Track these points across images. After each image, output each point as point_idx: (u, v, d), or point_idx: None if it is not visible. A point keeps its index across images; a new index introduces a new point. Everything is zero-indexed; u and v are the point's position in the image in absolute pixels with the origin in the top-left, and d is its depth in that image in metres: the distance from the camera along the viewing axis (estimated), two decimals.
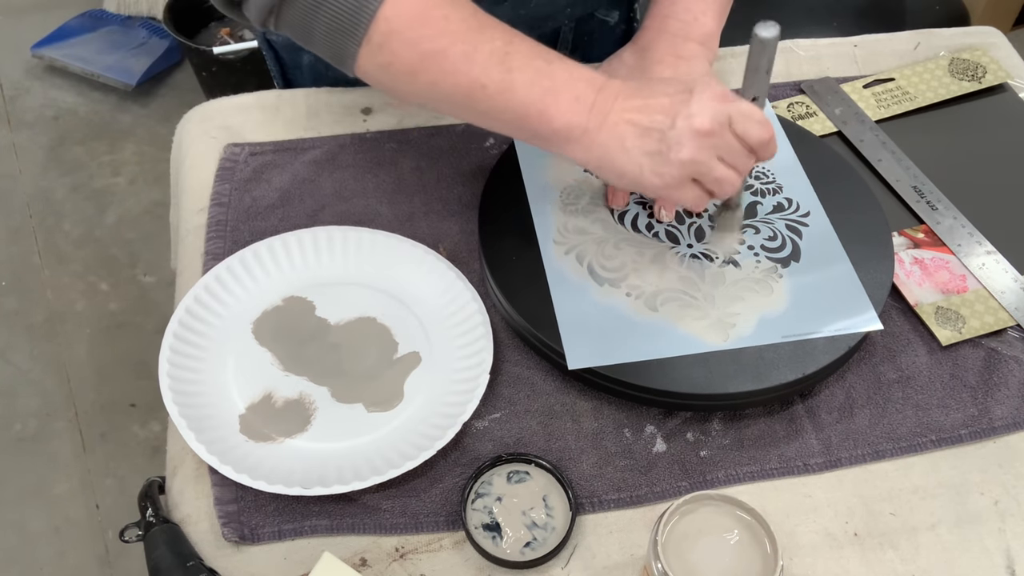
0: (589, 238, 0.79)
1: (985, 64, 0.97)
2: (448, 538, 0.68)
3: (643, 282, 0.76)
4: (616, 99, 0.68)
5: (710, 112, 0.65)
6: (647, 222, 0.80)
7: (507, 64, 0.67)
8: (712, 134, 0.66)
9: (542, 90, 0.67)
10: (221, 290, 0.78)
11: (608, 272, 0.77)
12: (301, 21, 0.67)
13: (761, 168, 0.84)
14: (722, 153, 0.67)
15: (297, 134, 0.91)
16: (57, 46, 2.21)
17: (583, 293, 0.76)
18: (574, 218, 0.80)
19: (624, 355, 0.72)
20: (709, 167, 0.67)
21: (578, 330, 0.73)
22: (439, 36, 0.66)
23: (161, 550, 0.65)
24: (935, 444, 0.73)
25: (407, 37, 0.66)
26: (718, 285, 0.76)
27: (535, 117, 0.68)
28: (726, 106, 0.66)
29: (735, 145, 0.67)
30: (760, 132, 0.67)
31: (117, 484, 1.59)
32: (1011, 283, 0.80)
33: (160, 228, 1.92)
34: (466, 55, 0.66)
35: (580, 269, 0.77)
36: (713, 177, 0.68)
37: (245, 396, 0.73)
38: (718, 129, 0.66)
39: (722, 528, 0.60)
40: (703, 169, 0.67)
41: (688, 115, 0.66)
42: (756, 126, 0.67)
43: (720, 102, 0.66)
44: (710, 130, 0.65)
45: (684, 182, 0.68)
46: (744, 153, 0.68)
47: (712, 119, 0.65)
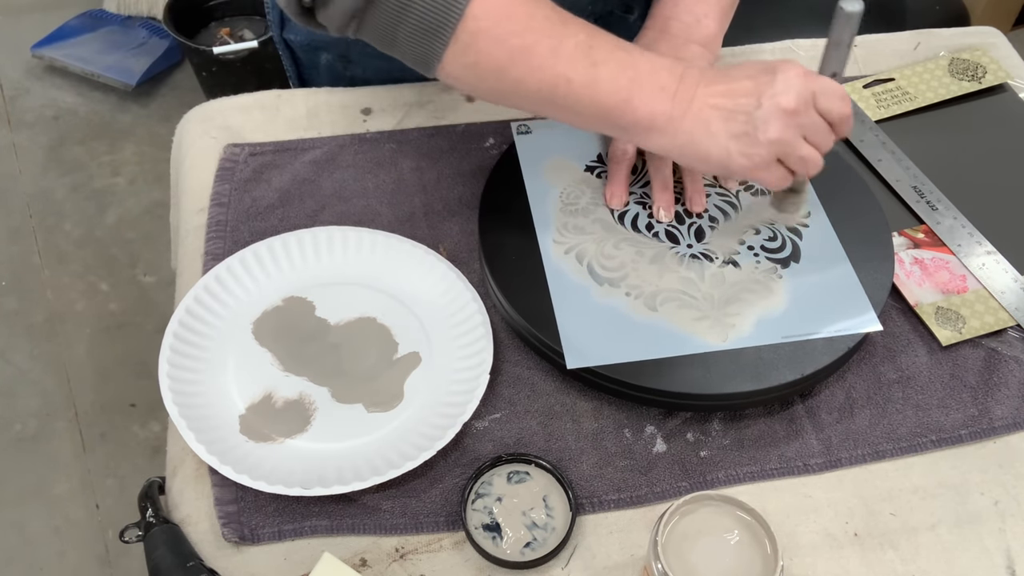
0: (589, 238, 0.79)
1: (985, 64, 0.97)
2: (448, 538, 0.68)
3: (642, 282, 0.76)
4: (699, 85, 0.68)
5: (796, 90, 0.66)
6: (647, 222, 0.80)
7: (592, 57, 0.67)
8: (798, 112, 0.67)
9: (627, 80, 0.68)
10: (221, 290, 0.78)
11: (608, 272, 0.77)
12: (386, 25, 0.67)
13: None
14: (806, 131, 0.68)
15: (297, 134, 0.91)
16: (57, 46, 2.21)
17: (583, 293, 0.76)
18: (574, 218, 0.80)
19: (623, 355, 0.72)
20: (795, 146, 0.68)
21: (577, 330, 0.73)
22: (526, 32, 0.67)
23: (161, 550, 0.65)
24: (935, 444, 0.73)
25: (495, 34, 0.66)
26: (718, 285, 0.76)
27: (620, 107, 0.68)
28: (810, 83, 0.67)
29: (819, 122, 0.68)
30: (842, 107, 0.68)
31: (117, 484, 1.59)
32: (1011, 283, 0.80)
33: (160, 228, 1.92)
34: (553, 50, 0.67)
35: (580, 269, 0.77)
36: (798, 156, 0.69)
37: (245, 396, 0.73)
38: (803, 107, 0.67)
39: (722, 528, 0.60)
40: (788, 149, 0.68)
41: (773, 94, 0.66)
42: (839, 102, 0.68)
43: (804, 80, 0.67)
44: (796, 108, 0.66)
45: (771, 162, 0.69)
46: (827, 130, 0.69)
47: (798, 97, 0.66)
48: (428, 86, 0.96)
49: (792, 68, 0.68)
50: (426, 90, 0.95)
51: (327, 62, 0.96)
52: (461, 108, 0.94)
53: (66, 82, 2.21)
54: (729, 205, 0.82)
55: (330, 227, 0.82)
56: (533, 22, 0.67)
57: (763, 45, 1.00)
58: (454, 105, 0.94)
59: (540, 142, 0.86)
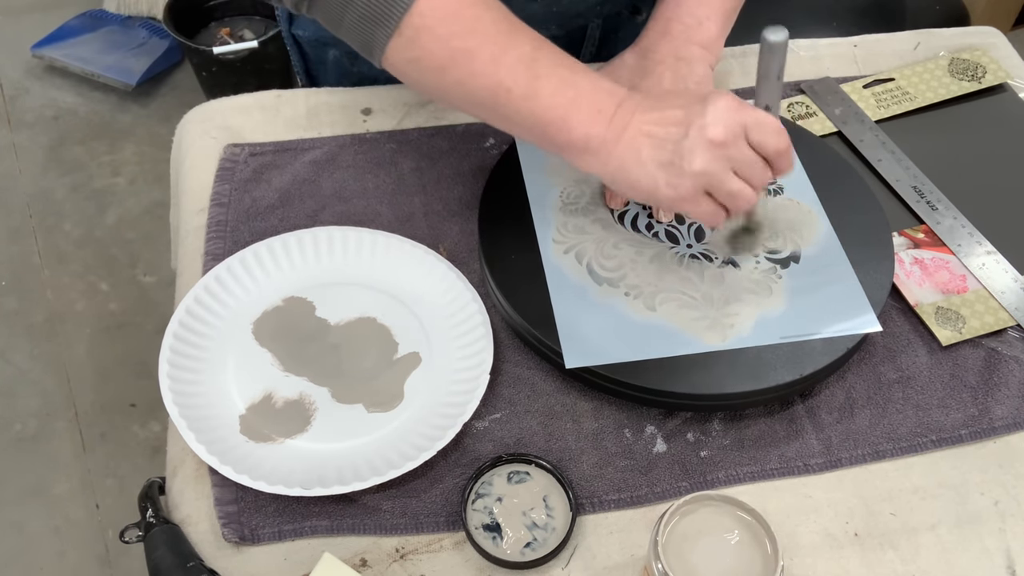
0: (588, 237, 0.79)
1: (985, 64, 0.97)
2: (448, 539, 0.68)
3: (642, 282, 0.76)
4: (635, 112, 0.67)
5: (724, 121, 0.64)
6: (647, 222, 0.80)
7: (534, 70, 0.66)
8: (726, 144, 0.64)
9: (566, 100, 0.67)
10: (221, 290, 0.78)
11: (607, 271, 0.77)
12: (335, 7, 0.67)
13: None
14: (736, 165, 0.66)
15: (297, 134, 0.91)
16: (57, 46, 2.21)
17: (582, 292, 0.76)
18: (574, 217, 0.80)
19: (621, 354, 0.72)
20: (722, 179, 0.66)
21: (576, 329, 0.73)
22: (470, 35, 0.66)
23: (161, 551, 0.65)
24: (935, 444, 0.73)
25: (438, 33, 0.66)
26: (717, 285, 0.76)
27: (556, 125, 0.67)
28: (741, 115, 0.65)
29: (750, 156, 0.66)
30: (776, 142, 0.66)
31: (117, 484, 1.59)
32: (1011, 283, 0.80)
33: (160, 228, 1.92)
34: (494, 57, 0.66)
35: (579, 268, 0.77)
36: (726, 190, 0.66)
37: (245, 396, 0.73)
38: (732, 139, 0.64)
39: (722, 528, 0.60)
40: (715, 181, 0.66)
41: (702, 125, 0.64)
42: (772, 136, 0.66)
43: (735, 112, 0.65)
44: (723, 140, 0.64)
45: (697, 194, 0.67)
46: (760, 165, 0.67)
47: (726, 129, 0.64)
48: None
49: (723, 99, 0.65)
50: None
51: (335, 58, 0.96)
52: None
53: (66, 82, 2.21)
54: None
55: (330, 227, 0.82)
56: (479, 25, 0.66)
57: None
58: None
59: None
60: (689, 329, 0.73)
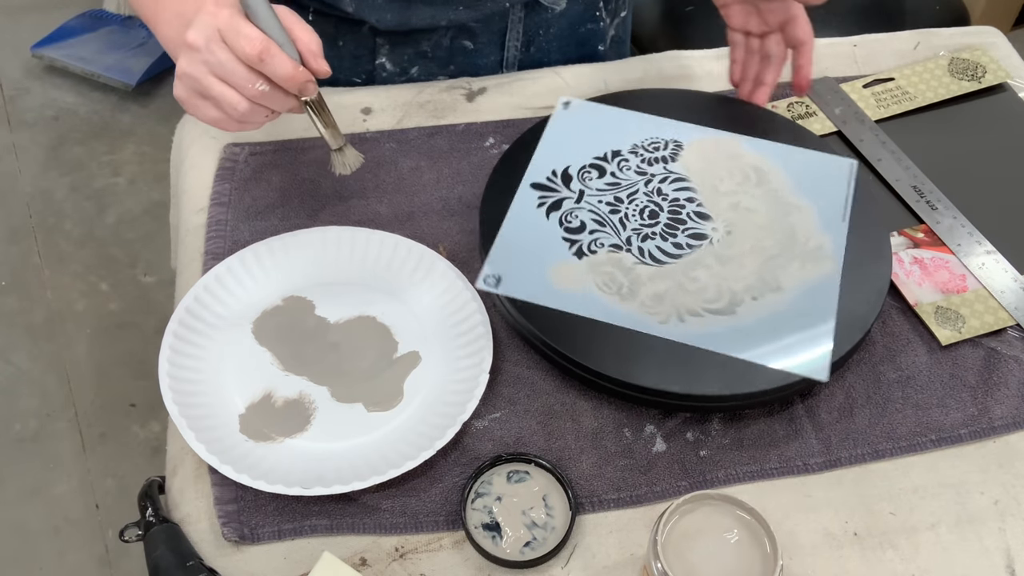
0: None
1: (985, 64, 0.97)
2: (448, 538, 0.68)
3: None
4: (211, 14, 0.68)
5: (199, 26, 0.65)
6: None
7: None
8: (198, 48, 0.65)
9: (154, 2, 0.71)
10: (221, 290, 0.78)
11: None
12: None
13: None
14: (215, 70, 0.66)
15: (297, 134, 0.91)
16: (57, 46, 2.21)
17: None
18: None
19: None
20: (203, 83, 0.67)
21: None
22: None
23: (161, 550, 0.65)
24: (935, 444, 0.73)
25: None
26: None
27: (150, 22, 0.71)
28: (217, 20, 0.65)
29: (226, 61, 0.66)
30: (244, 46, 0.65)
31: (117, 484, 1.59)
32: (1011, 283, 0.80)
33: (160, 228, 1.92)
34: None
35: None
36: (211, 95, 0.67)
37: (245, 396, 0.73)
38: (203, 43, 0.65)
39: (722, 528, 0.60)
40: (199, 85, 0.67)
41: (188, 29, 0.66)
42: (242, 40, 0.65)
43: (211, 16, 0.65)
44: (194, 43, 0.65)
45: (192, 97, 0.68)
46: (240, 70, 0.66)
47: (198, 32, 0.65)
48: (428, 86, 0.96)
49: (213, 5, 0.66)
50: (426, 90, 0.95)
51: None
52: (461, 108, 0.94)
53: (66, 82, 2.21)
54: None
55: (330, 227, 0.82)
56: None
57: None
58: (454, 105, 0.94)
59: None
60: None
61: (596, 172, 0.83)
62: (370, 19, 0.90)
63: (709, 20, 1.30)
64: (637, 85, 0.96)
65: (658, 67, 0.98)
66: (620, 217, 0.79)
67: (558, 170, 0.82)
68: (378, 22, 0.91)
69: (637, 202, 0.81)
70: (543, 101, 0.95)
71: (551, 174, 0.82)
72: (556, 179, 0.82)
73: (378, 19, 0.90)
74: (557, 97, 0.94)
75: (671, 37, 1.32)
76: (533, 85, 0.96)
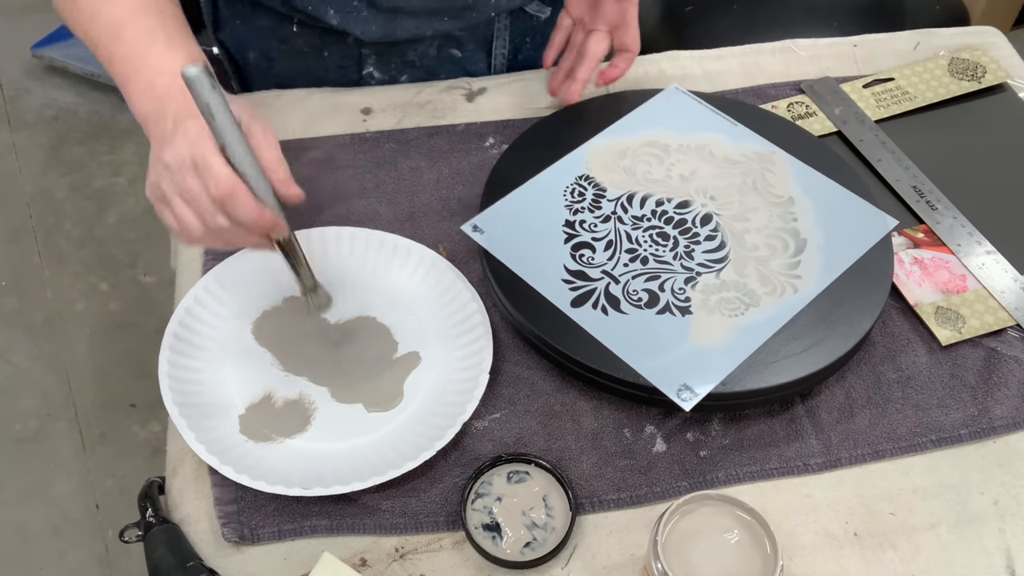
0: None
1: (985, 64, 0.97)
2: (448, 538, 0.68)
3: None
4: (177, 102, 0.67)
5: (176, 148, 0.65)
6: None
7: (118, 35, 0.71)
8: (170, 169, 0.65)
9: (131, 68, 0.71)
10: (221, 290, 0.78)
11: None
12: None
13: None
14: (182, 194, 0.66)
15: (297, 134, 0.91)
16: (57, 46, 2.21)
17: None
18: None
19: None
20: (169, 200, 0.67)
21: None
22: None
23: (161, 550, 0.65)
24: (935, 444, 0.73)
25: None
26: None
27: (124, 88, 0.72)
28: (194, 149, 0.65)
29: (193, 190, 0.65)
30: (211, 188, 0.64)
31: (117, 484, 1.59)
32: (1011, 283, 0.80)
33: (160, 228, 1.91)
34: (92, 13, 0.73)
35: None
36: (173, 211, 0.67)
37: (245, 396, 0.73)
38: (176, 167, 0.65)
39: (722, 528, 0.60)
40: (165, 200, 0.67)
41: (166, 141, 0.66)
42: (211, 181, 0.65)
43: (190, 143, 0.65)
44: (167, 164, 0.65)
45: (159, 203, 0.68)
46: (206, 202, 0.65)
47: (173, 155, 0.65)
48: (427, 86, 0.96)
49: (194, 127, 0.65)
50: (426, 90, 0.95)
51: (254, 60, 0.98)
52: (461, 108, 0.94)
53: (66, 82, 2.21)
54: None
55: (331, 227, 0.82)
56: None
57: (763, 45, 1.00)
58: (454, 105, 0.94)
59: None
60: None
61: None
62: (355, 31, 0.90)
63: (709, 20, 1.31)
64: (637, 85, 0.95)
65: (658, 67, 0.98)
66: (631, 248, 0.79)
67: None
68: (363, 34, 0.91)
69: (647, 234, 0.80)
70: (543, 101, 0.95)
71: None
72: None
73: (363, 31, 0.90)
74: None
75: (671, 37, 1.32)
76: (533, 85, 0.96)
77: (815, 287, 0.76)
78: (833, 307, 0.75)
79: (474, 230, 0.78)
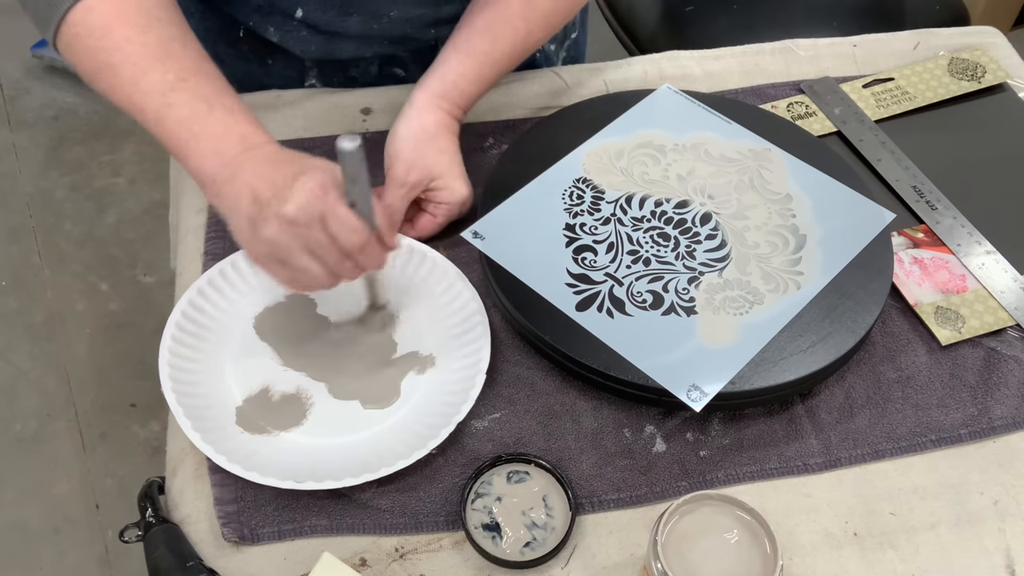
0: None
1: (985, 64, 0.97)
2: (448, 538, 0.68)
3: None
4: (254, 162, 0.67)
5: (300, 203, 0.64)
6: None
7: (168, 99, 0.69)
8: (297, 224, 0.65)
9: (189, 133, 0.69)
10: (225, 284, 0.79)
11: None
12: (22, 7, 0.74)
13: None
14: (311, 246, 0.66)
15: (297, 134, 0.91)
16: None
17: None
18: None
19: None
20: (291, 255, 0.66)
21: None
22: (115, 52, 0.70)
23: (161, 550, 0.65)
24: (935, 444, 0.73)
25: (87, 44, 0.71)
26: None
27: (180, 154, 0.70)
28: (321, 203, 0.65)
29: (323, 242, 0.66)
30: (349, 239, 0.66)
31: (117, 484, 1.59)
32: (1011, 283, 0.80)
33: (160, 228, 1.92)
34: (134, 78, 0.69)
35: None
36: (294, 266, 0.67)
37: (243, 388, 0.74)
38: (304, 220, 0.65)
39: (722, 528, 0.60)
40: (284, 255, 0.67)
41: (283, 198, 0.65)
42: (347, 232, 0.66)
43: (315, 197, 0.65)
44: (294, 219, 0.65)
45: (270, 260, 0.68)
46: (335, 252, 0.67)
47: (299, 210, 0.64)
48: None
49: (313, 181, 0.65)
50: None
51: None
52: None
53: (66, 82, 2.21)
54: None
55: None
56: (127, 46, 0.69)
57: (763, 45, 1.00)
58: None
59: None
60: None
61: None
62: (294, 50, 0.91)
63: (709, 20, 1.30)
64: (637, 85, 0.96)
65: (658, 67, 0.98)
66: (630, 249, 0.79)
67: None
68: (302, 52, 0.91)
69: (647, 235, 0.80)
70: (542, 101, 0.95)
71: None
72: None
73: (302, 50, 0.91)
74: (556, 97, 0.95)
75: (671, 37, 1.32)
76: (532, 85, 0.96)
77: (817, 283, 0.76)
78: (837, 302, 0.75)
79: (474, 236, 0.78)
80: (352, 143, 0.64)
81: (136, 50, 0.69)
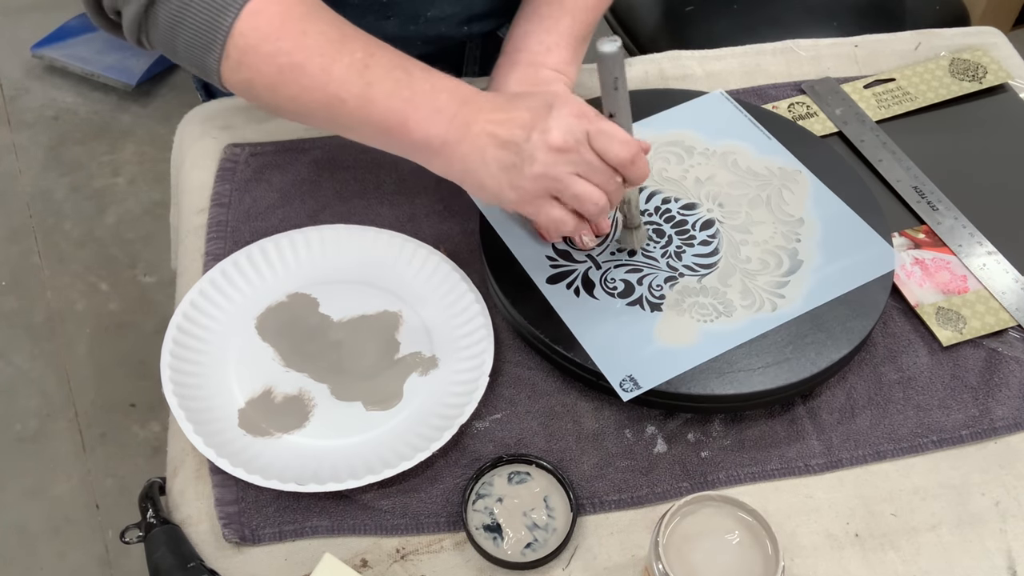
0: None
1: (985, 64, 0.97)
2: (449, 539, 0.68)
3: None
4: (480, 111, 0.66)
5: (565, 127, 0.64)
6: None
7: (366, 77, 0.66)
8: (566, 150, 0.64)
9: (401, 101, 0.66)
10: (226, 284, 0.78)
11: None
12: (166, 36, 0.67)
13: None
14: (580, 170, 0.65)
15: (297, 134, 0.91)
16: (57, 46, 2.21)
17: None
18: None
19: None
20: (565, 183, 0.65)
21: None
22: (297, 50, 0.66)
23: (162, 551, 0.65)
24: (936, 445, 0.73)
25: (263, 52, 0.66)
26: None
27: (396, 129, 0.67)
28: (583, 123, 0.65)
29: (594, 162, 0.65)
30: (620, 151, 0.65)
31: (117, 484, 1.59)
32: (1012, 283, 0.80)
33: (160, 228, 1.92)
34: (324, 69, 0.66)
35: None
36: (571, 193, 0.66)
37: (245, 390, 0.74)
38: (573, 145, 0.64)
39: (723, 529, 0.60)
40: (559, 185, 0.66)
41: (544, 129, 0.64)
42: (616, 144, 0.65)
43: (578, 118, 0.64)
44: (563, 145, 0.64)
45: (541, 197, 0.67)
46: (606, 171, 0.66)
47: (567, 134, 0.64)
48: None
49: (568, 105, 0.65)
50: None
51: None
52: None
53: (66, 82, 2.20)
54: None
55: (338, 224, 0.82)
56: (306, 39, 0.66)
57: (764, 45, 1.00)
58: None
59: None
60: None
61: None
62: None
63: (709, 20, 1.30)
64: (638, 85, 0.95)
65: (658, 67, 0.98)
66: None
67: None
68: None
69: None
70: None
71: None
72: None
73: None
74: None
75: (671, 37, 1.32)
76: None
77: (795, 309, 0.74)
78: (808, 332, 0.73)
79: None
80: (613, 44, 0.62)
81: (316, 41, 0.66)
